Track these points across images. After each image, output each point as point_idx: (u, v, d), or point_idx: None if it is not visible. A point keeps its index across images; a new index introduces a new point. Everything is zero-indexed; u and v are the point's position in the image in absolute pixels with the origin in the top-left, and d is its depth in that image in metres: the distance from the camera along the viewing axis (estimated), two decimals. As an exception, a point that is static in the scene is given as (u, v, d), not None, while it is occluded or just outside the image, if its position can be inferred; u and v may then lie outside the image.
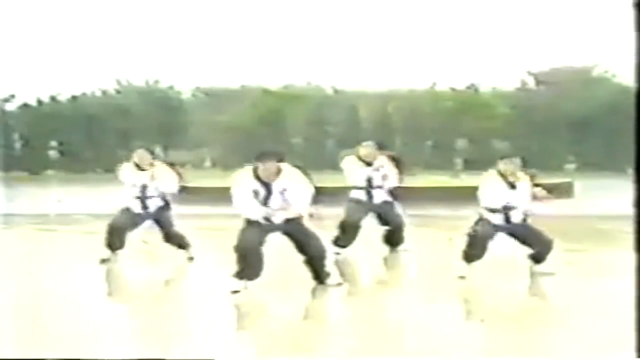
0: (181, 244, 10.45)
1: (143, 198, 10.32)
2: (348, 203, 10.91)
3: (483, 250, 9.00)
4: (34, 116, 35.46)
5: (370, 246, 10.99)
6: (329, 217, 10.80)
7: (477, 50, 38.46)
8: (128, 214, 10.32)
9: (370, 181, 10.85)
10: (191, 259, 10.36)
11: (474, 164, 8.44)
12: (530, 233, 9.06)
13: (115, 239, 10.24)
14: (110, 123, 32.26)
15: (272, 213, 8.25)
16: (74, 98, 36.64)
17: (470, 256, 9.00)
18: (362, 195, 10.85)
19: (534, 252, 9.11)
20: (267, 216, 8.27)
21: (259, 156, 8.32)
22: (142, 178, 10.35)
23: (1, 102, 35.16)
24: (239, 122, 31.03)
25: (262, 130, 32.28)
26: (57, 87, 36.05)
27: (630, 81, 24.20)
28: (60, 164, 34.96)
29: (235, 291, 8.14)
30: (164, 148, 34.89)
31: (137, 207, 10.31)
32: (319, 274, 8.49)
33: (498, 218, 9.04)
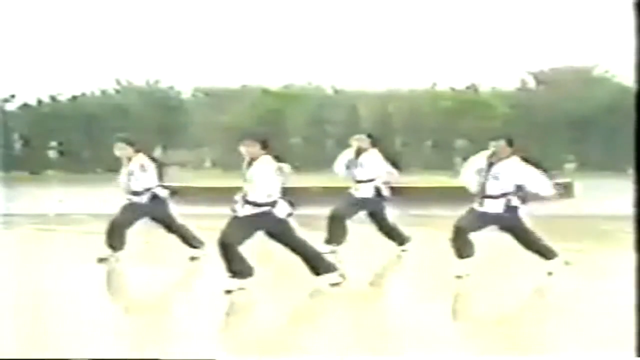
0: (189, 242, 10.31)
1: (131, 193, 10.19)
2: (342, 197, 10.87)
3: (466, 241, 8.85)
4: (34, 116, 35.40)
5: (370, 246, 10.98)
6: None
7: (477, 50, 38.39)
8: (125, 212, 10.26)
9: (353, 175, 10.78)
10: (193, 259, 10.31)
11: (468, 162, 8.48)
12: (518, 224, 8.90)
13: (114, 238, 10.18)
14: (110, 123, 32.15)
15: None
16: (74, 98, 36.61)
17: (458, 250, 8.88)
18: (353, 190, 10.77)
19: (523, 245, 9.03)
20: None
21: (241, 137, 8.37)
22: (124, 172, 10.26)
23: (1, 102, 35.12)
24: (239, 122, 30.96)
25: (262, 130, 32.24)
26: (57, 87, 36.01)
27: (630, 81, 24.18)
28: (60, 164, 34.91)
29: (228, 291, 8.12)
30: (164, 148, 34.90)
31: (130, 203, 10.19)
32: (314, 268, 8.43)
33: (482, 206, 8.93)
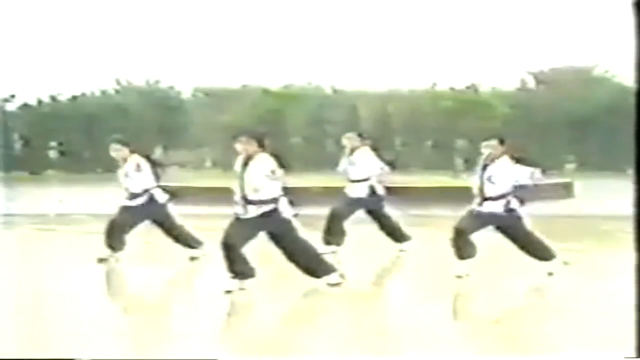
0: (188, 243, 10.30)
1: (129, 195, 10.16)
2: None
3: (466, 242, 8.86)
4: (34, 116, 35.42)
5: (370, 246, 10.98)
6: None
7: (477, 50, 38.43)
8: (124, 214, 10.24)
9: (347, 174, 10.75)
10: (193, 259, 10.30)
11: (474, 164, 8.40)
12: (518, 225, 8.91)
13: (113, 238, 10.15)
14: (110, 123, 32.18)
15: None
16: (74, 98, 36.62)
17: (458, 251, 8.89)
18: (347, 189, 10.74)
19: (522, 247, 9.03)
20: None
21: (236, 134, 8.27)
22: (121, 174, 10.24)
23: (1, 102, 35.13)
24: (239, 122, 30.94)
25: (260, 129, 32.22)
26: (57, 87, 36.03)
27: (630, 81, 24.17)
28: (60, 164, 34.93)
29: (228, 291, 8.12)
30: (164, 148, 34.90)
31: (129, 205, 10.15)
32: (313, 271, 8.41)
33: (482, 206, 8.94)
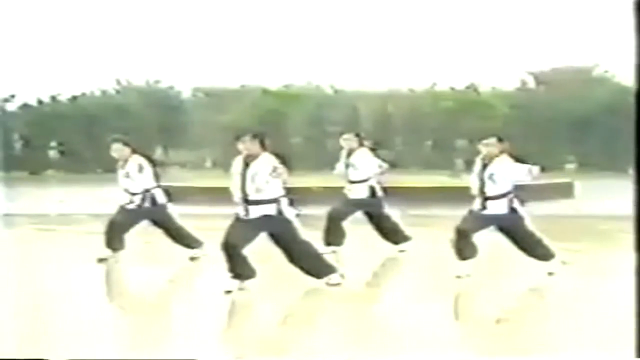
0: (188, 243, 10.29)
1: (129, 195, 10.16)
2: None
3: (468, 243, 8.84)
4: (34, 116, 35.45)
5: (370, 247, 10.97)
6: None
7: (477, 50, 38.51)
8: (123, 214, 10.24)
9: (346, 176, 10.73)
10: (193, 259, 10.29)
11: (474, 164, 8.39)
12: (519, 224, 8.88)
13: (112, 238, 10.15)
14: (110, 123, 32.21)
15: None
16: (74, 98, 36.64)
17: (459, 251, 8.88)
18: (347, 191, 10.74)
19: (522, 248, 9.03)
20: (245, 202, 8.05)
21: (239, 134, 8.24)
22: (121, 174, 10.23)
23: (1, 102, 35.15)
24: (239, 122, 30.94)
25: (262, 130, 32.25)
26: (57, 87, 36.07)
27: (630, 81, 24.19)
28: (60, 164, 34.96)
29: (228, 291, 8.11)
30: (164, 148, 34.93)
31: (129, 205, 10.14)
32: (311, 273, 8.41)
33: (483, 207, 8.92)
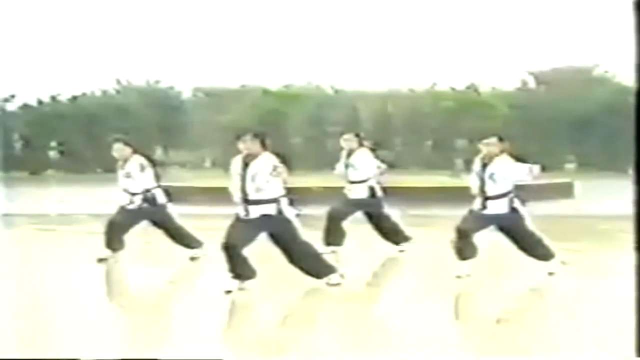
0: (188, 243, 10.28)
1: (129, 195, 10.17)
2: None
3: (468, 243, 8.83)
4: (34, 116, 35.47)
5: (369, 246, 10.97)
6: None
7: (477, 50, 38.57)
8: (123, 214, 10.23)
9: (346, 176, 10.71)
10: (193, 259, 10.28)
11: (474, 164, 8.40)
12: (520, 224, 8.87)
13: (112, 238, 10.14)
14: (110, 123, 32.24)
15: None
16: (74, 98, 36.67)
17: (459, 251, 8.87)
18: (346, 191, 10.73)
19: (522, 248, 9.02)
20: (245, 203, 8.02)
21: (240, 134, 8.19)
22: (121, 174, 10.23)
23: (1, 102, 35.18)
24: (239, 122, 30.95)
25: (262, 130, 32.26)
26: (57, 87, 36.11)
27: (630, 81, 24.23)
28: (60, 164, 34.96)
29: (228, 291, 8.11)
30: (164, 148, 34.93)
31: (129, 205, 10.13)
32: (311, 273, 8.39)
33: (484, 207, 8.91)
